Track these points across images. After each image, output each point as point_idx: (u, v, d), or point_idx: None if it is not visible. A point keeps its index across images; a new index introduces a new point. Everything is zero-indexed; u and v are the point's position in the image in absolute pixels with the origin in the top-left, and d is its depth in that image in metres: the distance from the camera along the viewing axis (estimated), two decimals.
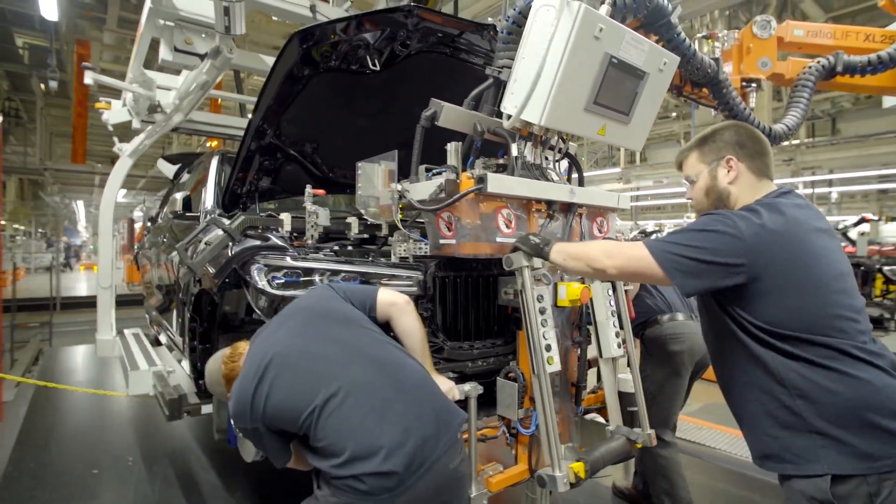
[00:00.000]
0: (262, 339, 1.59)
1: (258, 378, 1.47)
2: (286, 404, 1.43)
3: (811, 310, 1.29)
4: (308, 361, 1.47)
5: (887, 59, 2.68)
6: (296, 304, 1.69)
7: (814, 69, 2.78)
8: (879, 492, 1.19)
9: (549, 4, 1.79)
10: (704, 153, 1.57)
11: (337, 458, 1.35)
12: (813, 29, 2.92)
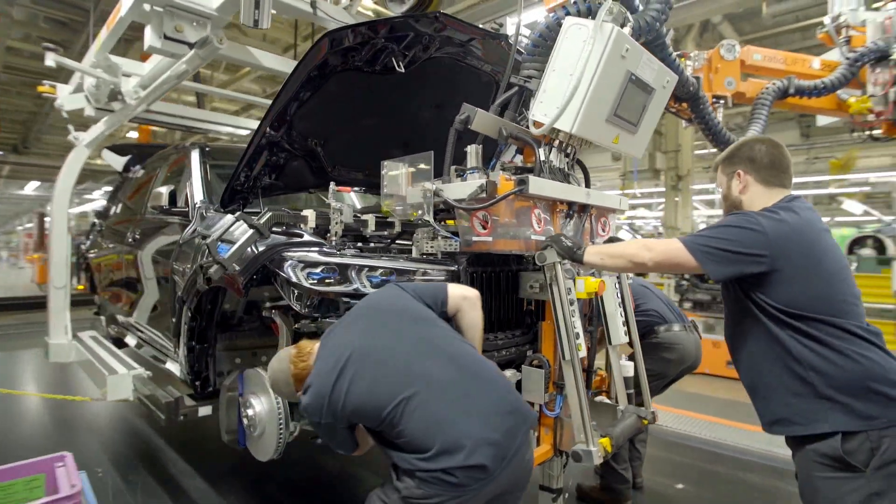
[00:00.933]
0: (335, 337, 1.63)
1: (337, 374, 1.52)
2: (368, 400, 1.49)
3: (822, 295, 1.56)
4: (388, 358, 1.53)
5: (829, 84, 3.14)
6: (366, 303, 1.74)
7: (771, 90, 3.19)
8: (880, 445, 1.47)
9: (580, 24, 1.97)
10: (725, 166, 1.83)
11: (423, 452, 1.41)
12: (769, 55, 3.34)
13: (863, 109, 3.30)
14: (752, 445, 3.97)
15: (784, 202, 1.68)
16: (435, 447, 1.40)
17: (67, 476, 2.00)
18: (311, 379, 1.60)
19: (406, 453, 1.46)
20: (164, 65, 3.54)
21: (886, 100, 3.21)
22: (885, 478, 1.46)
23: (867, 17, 3.35)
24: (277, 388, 1.82)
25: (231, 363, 2.81)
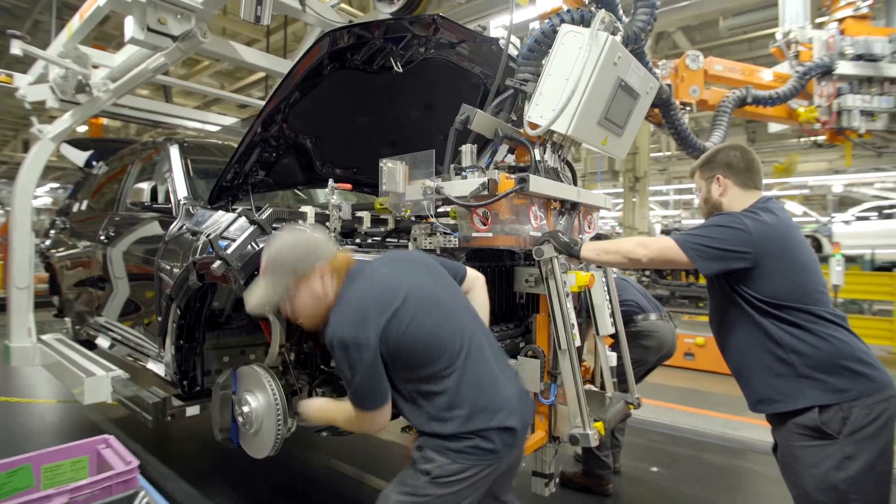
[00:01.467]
0: (383, 267, 1.56)
1: (399, 303, 1.41)
2: (431, 341, 1.42)
3: (798, 286, 1.73)
4: (445, 306, 1.50)
5: (782, 95, 3.41)
6: (401, 253, 1.71)
7: (731, 98, 3.43)
8: (850, 415, 1.64)
9: (576, 31, 2.08)
10: (704, 171, 1.98)
11: (462, 409, 1.41)
12: (728, 65, 3.59)
13: (811, 118, 3.60)
14: (710, 429, 4.26)
15: (761, 203, 1.85)
16: (470, 406, 1.41)
17: (117, 455, 1.98)
18: (358, 291, 1.45)
19: (444, 415, 1.42)
20: (138, 57, 3.44)
21: (830, 110, 3.51)
22: (855, 443, 1.63)
23: (813, 35, 3.65)
24: (275, 271, 1.52)
25: (219, 362, 2.78)
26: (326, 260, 1.52)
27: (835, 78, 3.65)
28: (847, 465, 1.63)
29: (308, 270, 1.49)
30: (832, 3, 3.83)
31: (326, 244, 1.56)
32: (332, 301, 1.51)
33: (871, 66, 3.43)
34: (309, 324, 1.59)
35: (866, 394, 1.65)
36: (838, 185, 10.95)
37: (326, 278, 1.52)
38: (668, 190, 12.88)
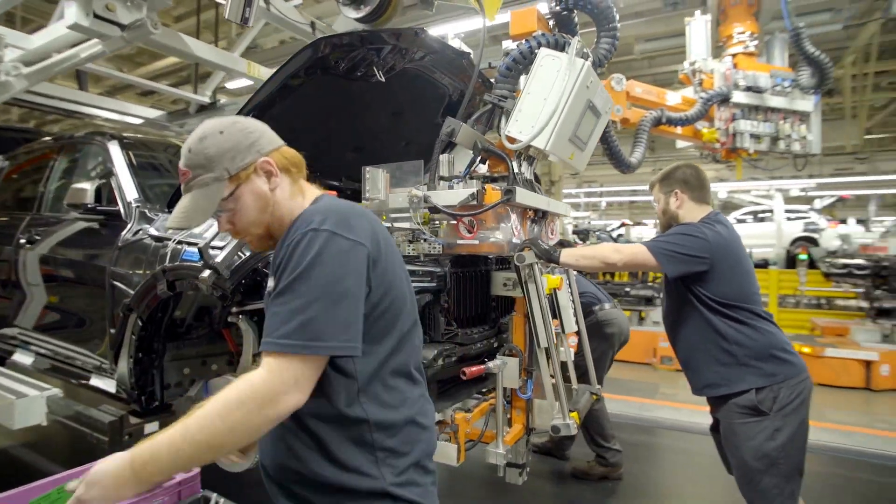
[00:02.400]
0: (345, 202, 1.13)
1: (375, 233, 1.06)
2: (399, 292, 1.10)
3: (742, 288, 2.05)
4: (405, 274, 1.16)
5: (691, 117, 3.89)
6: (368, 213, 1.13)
7: (649, 118, 3.84)
8: (779, 394, 1.98)
9: (554, 55, 2.27)
10: (663, 185, 2.27)
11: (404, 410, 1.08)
12: (646, 89, 4.01)
13: (712, 138, 4.14)
14: (643, 414, 4.74)
15: (714, 217, 2.16)
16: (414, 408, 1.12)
17: None
18: (332, 204, 1.08)
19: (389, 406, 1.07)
20: (65, 42, 3.12)
21: (727, 132, 4.06)
22: (782, 417, 1.97)
23: (714, 67, 4.18)
24: (207, 166, 1.08)
25: (179, 374, 2.64)
26: (273, 148, 1.14)
27: (731, 105, 4.19)
28: (777, 435, 1.96)
29: (249, 161, 1.09)
30: (727, 40, 4.38)
31: (267, 131, 1.16)
32: (285, 208, 1.12)
33: (758, 97, 3.98)
34: (254, 239, 1.17)
35: (790, 377, 2.00)
36: (723, 192, 12.47)
37: (277, 174, 1.12)
38: (578, 192, 13.88)
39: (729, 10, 4.12)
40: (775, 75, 4.01)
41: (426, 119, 3.15)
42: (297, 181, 1.17)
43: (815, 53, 3.38)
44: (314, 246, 0.97)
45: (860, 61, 9.99)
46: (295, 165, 1.17)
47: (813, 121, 3.82)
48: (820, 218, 12.15)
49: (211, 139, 1.10)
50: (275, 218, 1.13)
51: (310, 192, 1.18)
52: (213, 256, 2.00)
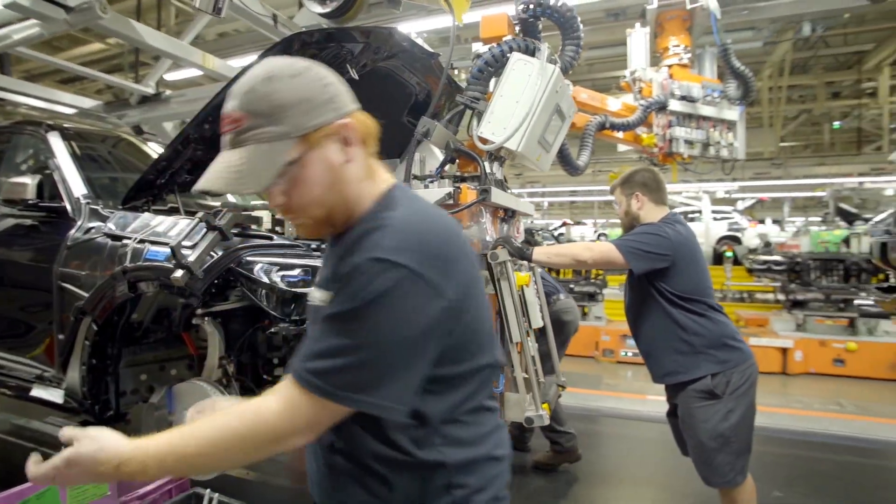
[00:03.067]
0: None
1: (460, 246, 0.90)
2: (483, 330, 0.94)
3: (698, 283, 2.22)
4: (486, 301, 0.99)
5: (632, 123, 4.12)
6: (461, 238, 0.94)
7: (594, 123, 4.03)
8: (731, 379, 2.16)
9: (526, 60, 2.34)
10: (624, 188, 2.41)
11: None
12: (591, 95, 4.20)
13: (651, 143, 4.41)
14: (588, 404, 4.97)
15: (672, 217, 2.32)
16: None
17: None
18: (427, 225, 0.88)
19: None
20: None
21: (664, 138, 4.34)
22: (734, 399, 2.15)
23: (653, 76, 4.45)
24: (270, 119, 0.83)
25: (135, 381, 2.50)
26: (351, 109, 0.90)
27: (668, 113, 4.46)
28: (730, 416, 2.15)
29: (325, 121, 0.86)
30: (664, 52, 4.67)
31: (344, 86, 0.92)
32: (354, 191, 0.90)
33: (691, 106, 4.28)
34: (311, 223, 0.93)
35: (740, 362, 2.19)
36: None
37: (354, 143, 0.89)
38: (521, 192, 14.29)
39: (665, 23, 4.39)
40: (706, 86, 4.30)
41: (392, 118, 3.14)
42: (368, 158, 0.94)
43: (740, 68, 3.69)
44: (382, 283, 0.78)
45: (776, 75, 10.95)
46: (371, 137, 0.94)
47: (738, 129, 4.15)
48: (742, 218, 13.18)
49: (281, 82, 0.83)
50: (340, 200, 0.89)
51: (380, 175, 0.95)
52: (185, 256, 1.91)
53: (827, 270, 6.68)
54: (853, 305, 6.14)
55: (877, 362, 5.83)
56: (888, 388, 5.69)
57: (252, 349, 2.49)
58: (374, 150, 0.96)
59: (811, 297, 6.51)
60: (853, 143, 12.14)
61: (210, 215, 1.97)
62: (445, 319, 0.83)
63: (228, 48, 5.00)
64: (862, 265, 6.30)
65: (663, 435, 2.69)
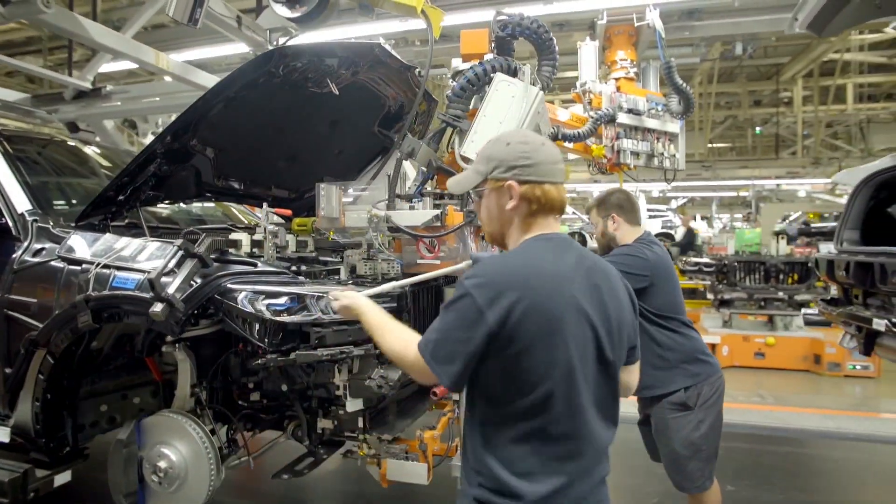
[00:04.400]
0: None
1: (562, 283, 1.15)
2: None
3: (673, 301, 2.34)
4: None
5: (583, 134, 4.25)
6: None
7: (547, 135, 4.14)
8: (702, 391, 2.30)
9: (509, 81, 2.36)
10: (600, 210, 2.48)
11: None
12: (547, 107, 4.29)
13: (600, 154, 4.58)
14: None
15: (648, 238, 2.42)
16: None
17: None
18: (519, 251, 1.23)
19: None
20: None
21: (613, 149, 4.52)
22: (704, 410, 2.29)
23: (602, 89, 4.61)
24: (481, 158, 1.29)
25: (95, 412, 2.32)
26: (532, 181, 1.21)
27: (616, 125, 4.63)
28: (700, 426, 2.29)
29: (502, 176, 1.22)
30: (611, 64, 4.84)
31: (553, 167, 1.24)
32: (506, 230, 1.28)
33: (637, 119, 4.47)
34: (488, 234, 1.37)
35: (710, 375, 2.34)
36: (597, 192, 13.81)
37: (516, 201, 1.22)
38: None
39: (613, 37, 4.55)
40: (651, 100, 4.48)
41: (362, 129, 3.08)
42: (530, 220, 1.26)
43: (682, 85, 3.89)
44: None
45: (705, 82, 11.68)
46: (542, 205, 1.24)
47: (679, 141, 4.38)
48: (675, 216, 14.01)
49: (503, 141, 1.29)
50: (499, 227, 1.32)
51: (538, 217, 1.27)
52: (165, 286, 1.78)
53: (750, 272, 7.20)
54: (773, 303, 6.73)
55: (791, 355, 6.41)
56: (799, 377, 6.22)
57: (224, 374, 2.38)
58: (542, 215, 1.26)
59: (736, 296, 7.03)
60: (772, 147, 13.19)
61: (188, 242, 1.85)
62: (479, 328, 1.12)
63: (167, 40, 4.64)
64: (780, 267, 6.87)
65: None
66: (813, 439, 4.19)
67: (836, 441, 4.15)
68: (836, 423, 4.41)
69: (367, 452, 2.24)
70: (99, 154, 3.19)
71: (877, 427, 4.38)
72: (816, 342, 6.28)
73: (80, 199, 2.87)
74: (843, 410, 4.86)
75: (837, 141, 12.88)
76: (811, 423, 4.44)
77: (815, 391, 5.76)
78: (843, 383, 5.88)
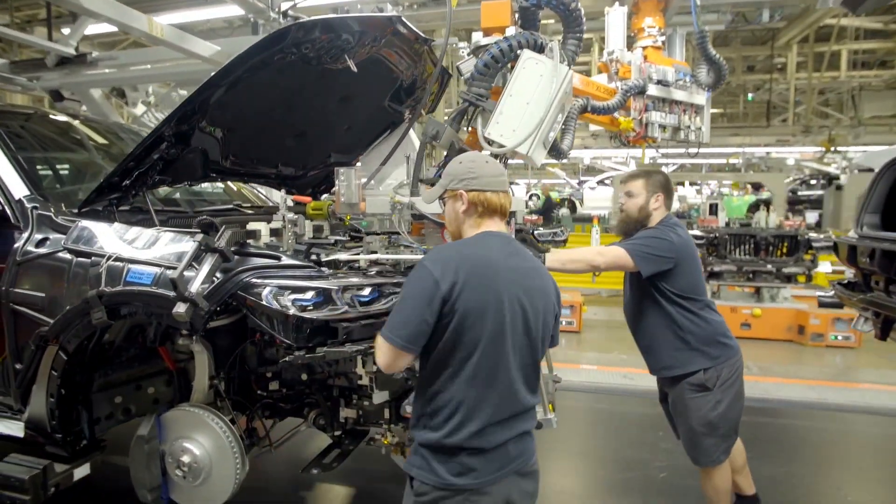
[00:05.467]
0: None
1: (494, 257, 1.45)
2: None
3: (696, 282, 2.34)
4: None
5: (612, 107, 4.15)
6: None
7: (577, 106, 4.01)
8: (721, 373, 2.32)
9: (537, 59, 2.24)
10: (648, 184, 2.43)
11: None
12: (581, 78, 4.15)
13: (628, 127, 4.48)
14: None
15: (673, 221, 2.40)
16: None
17: None
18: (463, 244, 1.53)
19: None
20: None
21: (641, 122, 4.41)
22: (723, 391, 2.32)
23: (631, 58, 4.46)
24: (446, 173, 1.62)
25: (110, 404, 2.26)
26: (476, 190, 1.53)
27: (645, 97, 4.49)
28: (718, 406, 2.32)
29: (455, 187, 1.55)
30: (638, 32, 4.68)
31: (495, 178, 1.56)
32: (462, 228, 1.58)
33: (665, 90, 4.34)
34: (450, 232, 1.66)
35: (730, 357, 2.36)
36: (587, 158, 13.72)
37: (466, 205, 1.54)
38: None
39: (641, 3, 4.35)
40: (678, 70, 4.32)
41: (372, 103, 2.94)
42: (476, 222, 1.57)
43: (715, 56, 3.76)
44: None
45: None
46: (484, 208, 1.55)
47: (705, 114, 4.25)
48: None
49: (461, 160, 1.63)
50: (454, 228, 1.63)
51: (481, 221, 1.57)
52: (187, 284, 1.69)
53: (739, 244, 7.24)
54: (761, 276, 6.81)
55: (776, 326, 6.57)
56: (783, 347, 6.38)
57: (242, 364, 2.32)
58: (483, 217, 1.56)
59: (726, 268, 7.10)
60: (762, 114, 13.15)
61: (208, 236, 1.75)
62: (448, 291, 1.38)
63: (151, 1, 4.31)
64: (770, 239, 6.91)
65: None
66: (794, 410, 4.32)
67: (817, 412, 4.29)
68: (818, 393, 4.55)
69: (391, 441, 2.24)
70: (89, 128, 3.01)
71: (855, 398, 4.52)
72: (801, 313, 6.42)
73: (73, 179, 2.72)
74: (824, 381, 4.99)
75: (828, 108, 12.88)
76: (793, 393, 4.58)
77: (797, 361, 5.92)
78: (825, 353, 6.04)
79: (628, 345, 2.83)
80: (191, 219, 2.59)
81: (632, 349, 6.21)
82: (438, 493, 1.40)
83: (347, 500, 2.92)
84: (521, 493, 1.51)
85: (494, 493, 1.43)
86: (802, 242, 6.72)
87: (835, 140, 11.70)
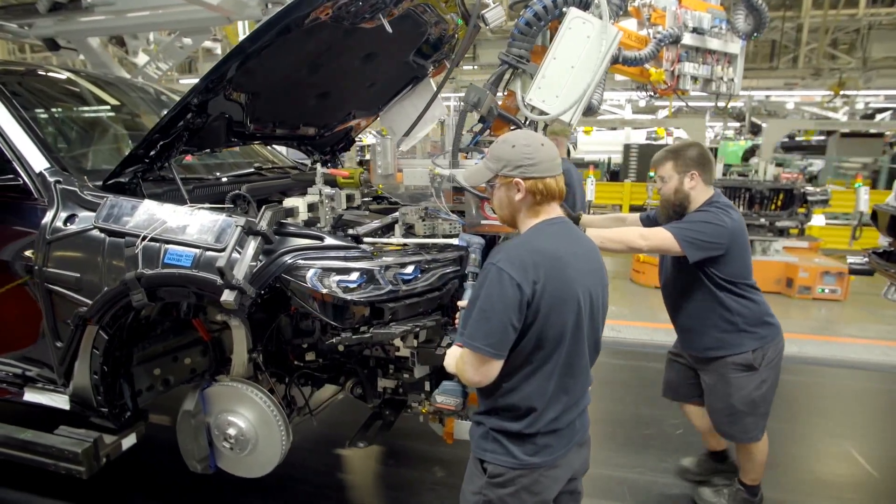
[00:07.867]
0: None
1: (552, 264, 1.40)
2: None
3: (746, 266, 2.28)
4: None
5: (644, 57, 3.93)
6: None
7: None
8: (767, 353, 2.33)
9: (585, 19, 2.09)
10: (678, 164, 2.30)
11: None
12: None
13: (660, 79, 4.25)
14: None
15: (723, 201, 2.28)
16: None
17: None
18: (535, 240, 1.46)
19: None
20: None
21: (673, 74, 4.19)
22: (768, 370, 2.34)
23: (666, 4, 4.16)
24: (491, 157, 1.52)
25: (150, 377, 2.27)
26: (534, 177, 1.46)
27: (678, 47, 4.20)
28: (762, 385, 2.34)
29: (510, 174, 1.47)
30: None
31: (552, 163, 1.47)
32: (517, 216, 1.53)
33: (700, 39, 4.07)
34: (500, 218, 1.61)
35: (774, 337, 2.36)
36: None
37: (523, 194, 1.47)
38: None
39: None
40: (714, 16, 4.03)
41: (397, 59, 2.77)
42: (536, 210, 1.52)
43: (757, 1, 3.49)
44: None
45: None
46: (543, 196, 1.49)
47: (738, 63, 4.00)
48: None
49: (509, 143, 1.51)
50: (509, 216, 1.58)
51: (541, 210, 1.52)
52: (231, 266, 1.64)
53: (735, 197, 6.95)
54: (755, 229, 6.51)
55: (766, 278, 6.44)
56: (770, 300, 6.39)
57: (278, 336, 2.32)
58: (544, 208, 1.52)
59: None
60: (767, 56, 12.66)
61: (251, 220, 1.68)
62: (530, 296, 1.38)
63: None
64: (765, 193, 6.68)
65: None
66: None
67: (795, 365, 4.23)
68: (798, 347, 4.58)
69: (429, 410, 2.27)
70: (95, 85, 2.83)
71: (834, 351, 4.60)
72: (791, 266, 6.41)
73: (85, 144, 2.59)
74: (805, 334, 5.02)
75: (836, 50, 12.40)
76: None
77: (783, 315, 5.99)
78: (810, 306, 6.08)
79: (615, 297, 2.78)
80: (213, 186, 2.50)
81: (617, 301, 6.21)
82: (514, 472, 1.45)
83: (379, 456, 3.01)
84: (582, 462, 1.62)
85: (563, 465, 1.51)
86: (798, 196, 6.59)
87: (845, 83, 11.36)
